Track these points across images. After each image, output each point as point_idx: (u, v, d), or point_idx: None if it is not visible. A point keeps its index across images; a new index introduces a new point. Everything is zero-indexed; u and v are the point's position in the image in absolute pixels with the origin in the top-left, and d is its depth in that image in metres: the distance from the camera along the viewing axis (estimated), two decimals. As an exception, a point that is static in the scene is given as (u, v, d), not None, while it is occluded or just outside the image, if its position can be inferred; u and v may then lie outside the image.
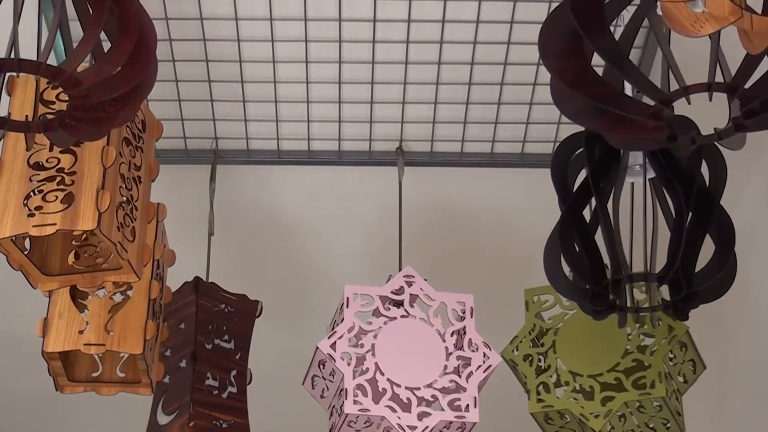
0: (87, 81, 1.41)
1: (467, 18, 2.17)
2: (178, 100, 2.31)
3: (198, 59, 2.23)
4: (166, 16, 2.13)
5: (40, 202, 1.60)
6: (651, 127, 1.44)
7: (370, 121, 2.39)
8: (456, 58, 2.25)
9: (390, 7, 2.15)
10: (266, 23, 2.17)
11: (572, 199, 1.87)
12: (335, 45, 2.21)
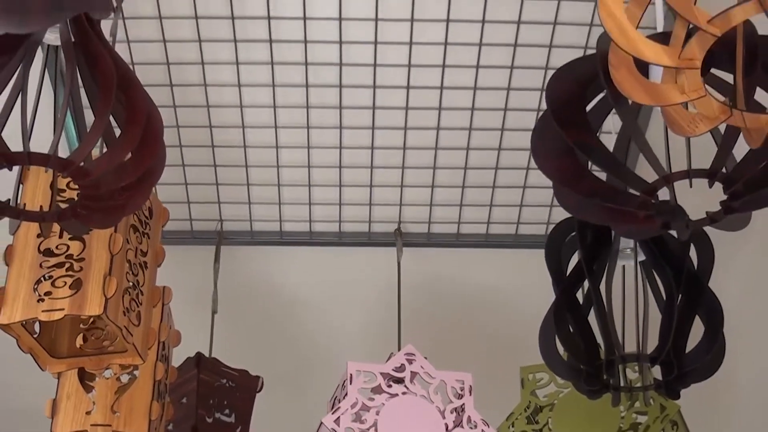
0: (96, 171, 1.40)
1: (462, 106, 2.18)
2: (184, 184, 2.31)
3: (204, 145, 2.24)
4: (174, 104, 2.14)
5: (50, 288, 1.59)
6: (642, 218, 1.45)
7: (370, 204, 2.38)
8: (452, 143, 2.25)
9: (388, 95, 2.16)
10: (270, 110, 2.18)
11: (566, 283, 1.86)
12: (336, 131, 2.22)
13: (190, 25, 2.01)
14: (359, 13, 2.01)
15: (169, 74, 2.10)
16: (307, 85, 2.14)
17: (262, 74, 2.11)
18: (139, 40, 2.04)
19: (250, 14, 2.01)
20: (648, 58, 1.26)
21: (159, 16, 1.99)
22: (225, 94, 2.15)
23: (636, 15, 1.33)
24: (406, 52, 2.08)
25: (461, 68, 2.11)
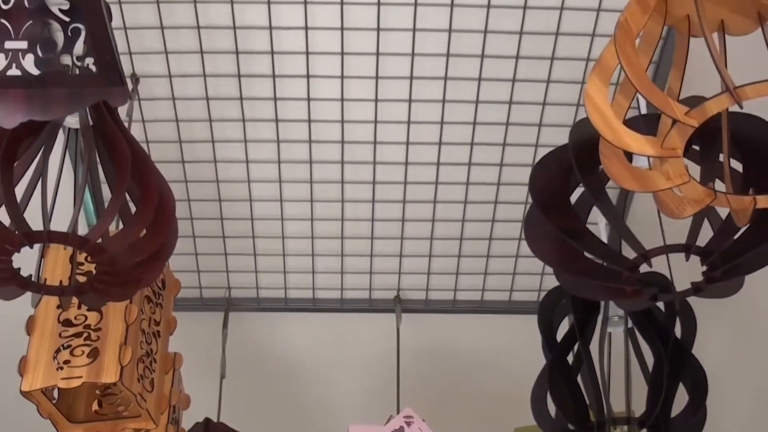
0: (112, 248, 1.44)
1: (458, 180, 2.21)
2: (195, 254, 2.33)
3: (213, 217, 2.26)
4: (185, 179, 2.17)
5: (68, 357, 1.63)
6: (630, 293, 1.48)
7: (370, 273, 2.40)
8: (448, 215, 2.28)
9: (388, 170, 2.19)
10: (275, 185, 2.20)
11: (558, 349, 1.88)
12: (338, 204, 2.25)
13: (202, 106, 2.05)
14: (359, 95, 2.04)
15: (181, 151, 2.13)
16: (311, 161, 2.17)
17: (269, 151, 2.14)
18: (154, 119, 2.07)
19: (258, 95, 2.04)
20: (633, 149, 1.29)
21: (172, 97, 2.03)
22: (233, 169, 2.17)
23: (624, 106, 1.36)
24: (404, 130, 2.11)
25: (456, 145, 2.15)
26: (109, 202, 1.45)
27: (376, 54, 1.98)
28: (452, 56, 1.98)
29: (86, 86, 1.30)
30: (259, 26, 1.92)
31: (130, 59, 1.94)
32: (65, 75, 1.31)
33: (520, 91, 2.05)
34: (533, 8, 1.90)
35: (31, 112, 1.28)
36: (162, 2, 1.87)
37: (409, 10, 1.91)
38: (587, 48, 1.96)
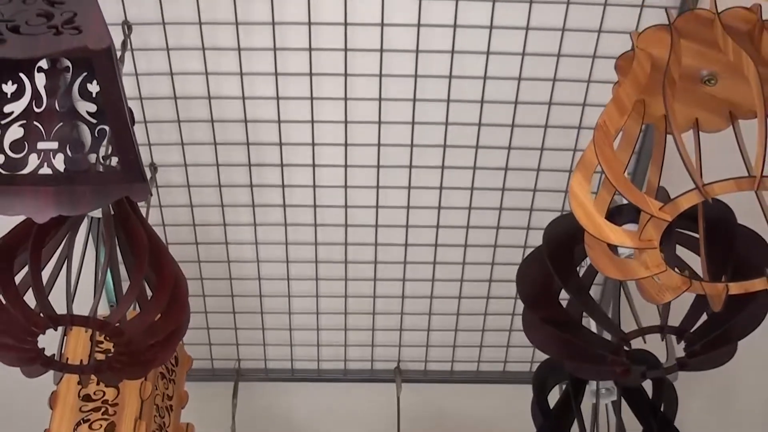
0: (129, 331, 1.46)
1: (455, 260, 2.23)
2: (206, 328, 2.34)
3: (224, 294, 2.28)
4: (198, 259, 2.19)
5: (87, 430, 1.65)
6: (620, 372, 1.51)
7: (372, 346, 2.41)
8: (445, 292, 2.29)
9: (388, 251, 2.21)
10: (283, 264, 2.22)
11: (553, 415, 1.88)
12: (341, 282, 2.26)
13: (215, 192, 2.07)
14: (362, 182, 2.07)
15: (195, 234, 2.15)
16: (316, 243, 2.18)
17: (277, 234, 2.16)
18: (170, 204, 2.10)
19: (268, 183, 2.07)
20: (613, 241, 1.32)
21: (187, 184, 2.06)
22: (244, 250, 2.19)
23: (606, 200, 1.38)
24: (403, 215, 2.13)
25: (453, 228, 2.17)
26: (128, 290, 1.47)
27: (377, 147, 2.01)
28: (449, 147, 2.01)
29: (110, 183, 1.32)
30: (267, 120, 1.96)
31: (149, 149, 1.98)
32: (91, 173, 1.33)
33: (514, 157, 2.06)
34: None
35: (59, 208, 1.30)
36: (179, 98, 1.91)
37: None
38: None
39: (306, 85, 1.89)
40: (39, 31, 1.19)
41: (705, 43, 1.40)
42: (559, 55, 1.85)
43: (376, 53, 1.85)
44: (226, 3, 1.77)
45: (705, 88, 1.45)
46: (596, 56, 1.86)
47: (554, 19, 1.81)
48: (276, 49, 1.84)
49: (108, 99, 1.24)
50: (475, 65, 1.87)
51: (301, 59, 1.86)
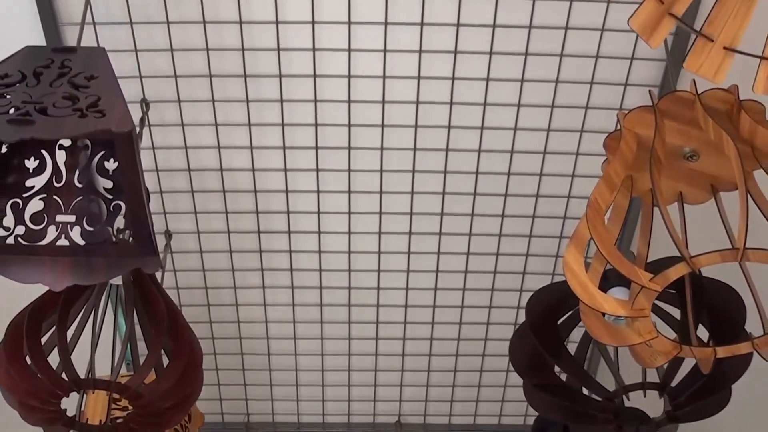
0: (147, 395, 1.45)
1: (452, 320, 2.22)
2: (217, 384, 2.33)
3: (234, 353, 2.27)
4: (210, 320, 2.18)
5: (107, 485, 1.62)
6: (614, 430, 1.50)
7: (374, 401, 2.40)
8: (443, 351, 2.29)
9: (390, 312, 2.20)
10: (290, 325, 2.22)
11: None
12: (345, 341, 2.26)
13: (225, 258, 2.07)
14: (365, 247, 2.07)
15: (207, 296, 2.15)
16: (321, 305, 2.18)
17: (284, 296, 2.16)
18: (184, 269, 2.10)
19: (276, 249, 2.06)
20: (607, 310, 1.31)
21: (200, 250, 2.05)
22: (253, 311, 2.19)
23: (599, 271, 1.38)
24: (403, 277, 2.13)
25: (450, 291, 2.16)
26: (147, 357, 1.47)
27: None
28: (446, 215, 2.01)
29: (124, 256, 1.31)
30: (276, 190, 1.96)
31: (164, 218, 1.98)
32: (106, 245, 1.33)
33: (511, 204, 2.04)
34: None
35: (76, 278, 1.29)
36: (193, 170, 1.91)
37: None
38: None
39: (312, 157, 1.91)
40: (65, 113, 1.19)
41: (687, 122, 1.41)
42: (549, 130, 1.87)
43: (377, 128, 1.87)
44: (237, 82, 1.78)
45: (688, 163, 1.46)
46: (583, 131, 1.87)
47: (544, 97, 1.82)
48: (284, 125, 1.85)
49: (127, 178, 1.25)
50: (468, 140, 1.89)
51: (307, 134, 1.87)
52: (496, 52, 1.74)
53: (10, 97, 1.21)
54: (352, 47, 1.74)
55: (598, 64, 1.76)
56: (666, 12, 1.07)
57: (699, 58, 1.07)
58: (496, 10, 1.68)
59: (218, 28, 1.70)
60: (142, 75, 1.75)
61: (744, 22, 1.05)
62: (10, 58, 1.30)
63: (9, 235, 1.32)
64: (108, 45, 1.65)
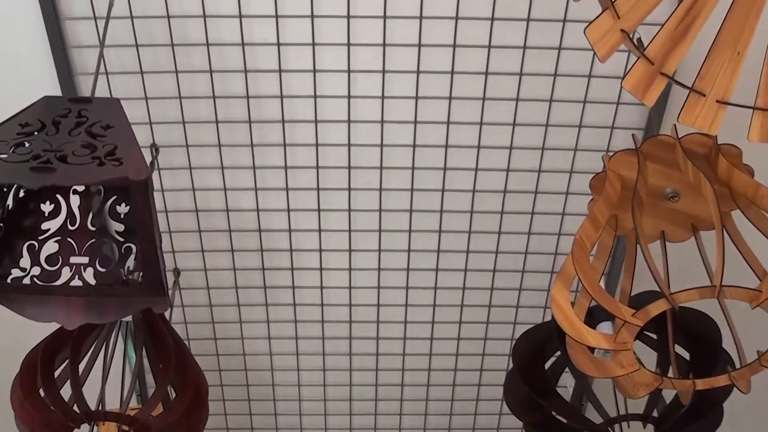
0: (155, 427, 1.46)
1: (447, 366, 2.24)
2: (224, 414, 2.33)
3: (239, 384, 2.27)
4: (216, 352, 2.19)
5: None
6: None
7: (375, 429, 2.40)
8: (438, 411, 2.33)
9: (389, 360, 2.22)
10: (293, 357, 2.22)
11: None
12: (346, 372, 2.26)
13: (232, 294, 2.08)
14: (365, 282, 2.07)
15: (213, 330, 2.15)
16: (323, 354, 2.20)
17: (288, 330, 2.16)
18: (192, 305, 2.10)
19: (280, 285, 2.07)
20: (592, 343, 1.32)
21: (207, 286, 2.06)
22: (257, 345, 2.19)
23: (584, 305, 1.39)
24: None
25: (444, 340, 2.18)
26: (155, 391, 1.48)
27: (378, 252, 2.02)
28: (440, 271, 2.02)
29: (134, 296, 1.33)
30: (279, 229, 1.97)
31: (173, 256, 2.00)
32: (117, 286, 1.35)
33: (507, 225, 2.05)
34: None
35: (88, 317, 1.31)
36: (201, 211, 1.93)
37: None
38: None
39: (314, 198, 1.92)
40: (84, 161, 1.21)
41: (668, 164, 1.43)
42: (539, 171, 1.88)
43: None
44: (242, 127, 1.80)
45: (670, 203, 1.47)
46: (572, 171, 1.88)
47: (535, 140, 1.84)
48: (287, 168, 1.87)
49: (140, 223, 1.27)
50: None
51: (308, 176, 1.89)
52: (489, 98, 1.76)
53: (31, 145, 1.23)
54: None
55: (586, 109, 1.78)
56: (657, 71, 1.08)
57: (693, 112, 1.07)
58: (488, 60, 1.72)
59: (225, 77, 1.72)
60: (152, 121, 1.77)
61: (734, 76, 1.05)
62: (30, 107, 1.32)
63: (25, 275, 1.34)
64: (119, 92, 1.69)
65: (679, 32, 1.05)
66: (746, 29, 1.03)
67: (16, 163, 1.19)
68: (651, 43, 1.07)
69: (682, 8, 1.04)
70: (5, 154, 1.22)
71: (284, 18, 1.65)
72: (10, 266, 1.35)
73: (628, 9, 1.06)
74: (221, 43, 1.68)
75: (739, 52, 1.04)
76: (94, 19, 1.63)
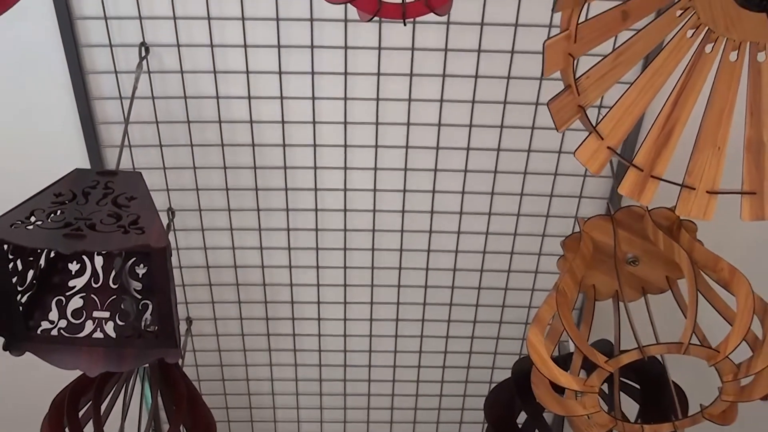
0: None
1: (432, 406, 2.23)
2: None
3: (244, 420, 2.28)
4: (224, 392, 2.20)
5: None
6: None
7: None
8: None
9: (381, 387, 2.22)
10: (293, 396, 2.23)
11: None
12: (341, 412, 2.28)
13: (238, 341, 2.10)
14: (359, 315, 2.08)
15: (222, 372, 2.16)
16: (320, 379, 2.20)
17: (289, 372, 2.18)
18: (202, 350, 2.12)
19: (282, 332, 2.09)
20: (563, 383, 1.35)
21: (216, 334, 2.08)
22: (261, 386, 2.21)
23: (550, 349, 1.42)
24: (391, 368, 2.17)
25: (431, 370, 2.18)
26: (169, 429, 1.50)
27: (371, 284, 2.04)
28: (428, 306, 2.05)
29: (150, 348, 1.36)
30: (281, 283, 1.99)
31: (186, 306, 2.02)
32: (135, 338, 1.38)
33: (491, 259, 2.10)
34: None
35: (108, 366, 1.34)
36: (211, 267, 1.96)
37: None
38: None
39: (312, 257, 1.95)
40: (111, 229, 1.25)
41: (634, 232, 1.47)
42: (515, 234, 1.91)
43: (369, 212, 1.90)
44: (249, 194, 1.83)
45: (629, 267, 1.51)
46: (545, 235, 1.91)
47: (511, 207, 1.87)
48: (289, 229, 1.90)
49: (158, 285, 1.30)
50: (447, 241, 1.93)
51: (308, 237, 1.91)
52: (471, 170, 1.80)
53: (64, 213, 1.28)
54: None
55: (557, 180, 1.82)
56: (648, 176, 1.11)
57: (687, 205, 1.10)
58: (469, 135, 1.76)
59: (234, 149, 1.76)
60: (169, 188, 1.81)
61: (719, 168, 1.08)
62: (63, 179, 1.37)
63: (53, 327, 1.37)
64: (141, 162, 1.73)
65: (661, 140, 1.09)
66: (722, 126, 1.07)
67: (51, 229, 1.23)
68: (638, 153, 1.10)
69: (662, 117, 1.08)
70: (41, 221, 1.26)
71: (288, 99, 1.70)
72: (40, 319, 1.38)
73: (611, 129, 1.10)
74: (232, 121, 1.72)
75: (719, 147, 1.07)
76: (120, 99, 1.68)
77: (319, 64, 1.65)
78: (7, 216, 1.25)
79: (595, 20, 1.04)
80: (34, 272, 1.40)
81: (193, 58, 1.64)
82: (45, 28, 1.60)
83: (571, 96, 1.08)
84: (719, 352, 1.30)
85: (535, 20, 1.60)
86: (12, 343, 1.34)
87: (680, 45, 1.04)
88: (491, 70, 1.66)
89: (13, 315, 1.34)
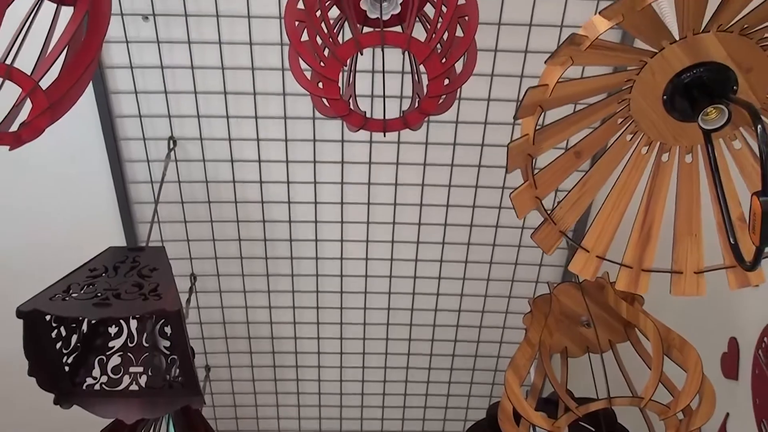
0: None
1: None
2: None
3: (254, 454, 2.32)
4: (237, 429, 2.23)
5: None
6: None
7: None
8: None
9: (371, 411, 2.24)
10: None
11: None
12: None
13: (249, 385, 2.13)
14: (352, 376, 2.12)
15: (235, 412, 2.19)
16: (320, 417, 2.22)
17: (292, 411, 2.20)
18: (219, 392, 2.14)
19: (286, 378, 2.12)
20: (535, 422, 1.34)
21: (230, 379, 2.11)
22: (270, 423, 2.23)
23: (538, 387, 1.47)
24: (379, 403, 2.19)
25: (416, 410, 2.21)
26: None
27: (363, 338, 2.09)
28: (413, 341, 2.09)
29: (177, 396, 1.39)
30: (286, 336, 2.03)
31: (205, 356, 2.06)
32: (164, 388, 1.42)
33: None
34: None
35: (142, 413, 1.37)
36: (227, 323, 1.99)
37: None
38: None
39: (313, 314, 1.99)
40: (133, 297, 1.30)
41: (592, 299, 1.50)
42: (486, 296, 1.95)
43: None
44: (260, 263, 1.88)
45: (580, 328, 1.56)
46: (511, 296, 1.96)
47: (481, 273, 1.91)
48: (294, 291, 1.94)
49: (176, 343, 1.35)
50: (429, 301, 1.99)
51: (309, 282, 1.94)
52: (447, 242, 1.84)
53: (95, 286, 1.32)
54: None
55: (520, 252, 1.88)
56: (639, 271, 1.08)
57: (680, 287, 1.07)
58: (446, 213, 1.81)
59: (248, 225, 1.81)
60: (192, 257, 1.85)
61: (700, 251, 1.06)
62: (99, 256, 1.41)
63: (96, 383, 1.41)
64: (167, 234, 1.78)
65: (643, 239, 1.06)
66: (693, 217, 1.04)
67: (83, 300, 1.28)
68: (625, 254, 1.07)
69: (639, 219, 1.04)
70: (76, 293, 1.31)
71: (293, 184, 1.76)
72: (84, 376, 1.41)
73: (594, 242, 1.06)
74: (245, 201, 1.77)
75: (695, 234, 1.04)
76: (151, 183, 1.74)
77: (320, 154, 1.72)
78: (48, 290, 1.30)
79: (551, 165, 1.04)
80: (78, 336, 1.44)
81: (214, 149, 1.70)
82: (89, 124, 1.66)
83: (550, 226, 1.11)
84: (670, 409, 1.34)
85: (499, 119, 1.67)
86: (61, 398, 1.39)
87: (638, 161, 1.03)
88: (466, 159, 1.73)
89: (59, 375, 1.38)
